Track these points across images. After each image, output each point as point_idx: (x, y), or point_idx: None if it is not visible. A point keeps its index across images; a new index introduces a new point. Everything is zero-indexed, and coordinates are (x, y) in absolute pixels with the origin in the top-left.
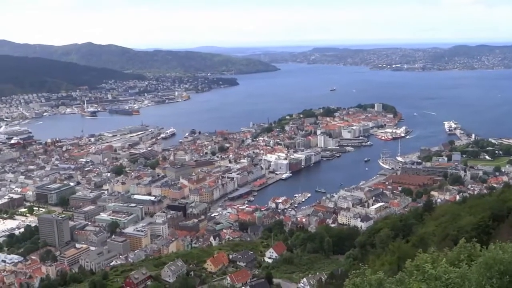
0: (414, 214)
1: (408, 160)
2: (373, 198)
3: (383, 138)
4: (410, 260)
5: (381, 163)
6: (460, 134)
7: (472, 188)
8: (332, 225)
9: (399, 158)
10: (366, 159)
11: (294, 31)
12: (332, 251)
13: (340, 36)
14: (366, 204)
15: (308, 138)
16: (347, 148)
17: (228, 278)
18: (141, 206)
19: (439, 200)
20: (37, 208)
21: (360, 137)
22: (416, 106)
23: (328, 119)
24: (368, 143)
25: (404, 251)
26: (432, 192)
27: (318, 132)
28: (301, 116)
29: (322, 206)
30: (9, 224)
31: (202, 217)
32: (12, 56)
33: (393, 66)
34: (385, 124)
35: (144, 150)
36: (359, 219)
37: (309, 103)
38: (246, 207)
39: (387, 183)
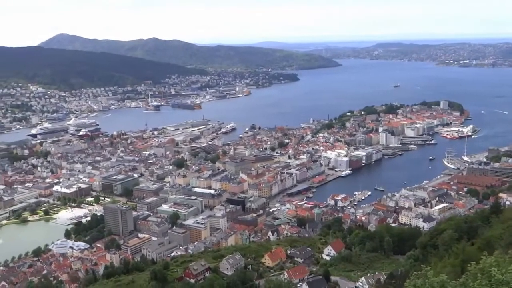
0: (480, 216)
1: (475, 160)
2: (437, 198)
3: (448, 136)
4: (475, 263)
5: (445, 163)
6: None
7: None
8: (393, 225)
9: (465, 158)
10: (430, 157)
11: (357, 26)
12: (392, 251)
13: (405, 31)
14: (429, 204)
15: (369, 136)
16: (410, 146)
17: (285, 274)
18: (201, 199)
19: (507, 203)
20: (103, 198)
21: (424, 135)
22: (485, 104)
23: (390, 116)
24: (433, 141)
25: (468, 254)
26: (500, 194)
27: (380, 129)
28: (362, 112)
29: (382, 205)
30: (77, 212)
31: (261, 212)
32: (82, 51)
33: (461, 62)
34: (451, 122)
35: (205, 144)
36: (421, 219)
37: (371, 100)
38: (305, 203)
39: (452, 183)
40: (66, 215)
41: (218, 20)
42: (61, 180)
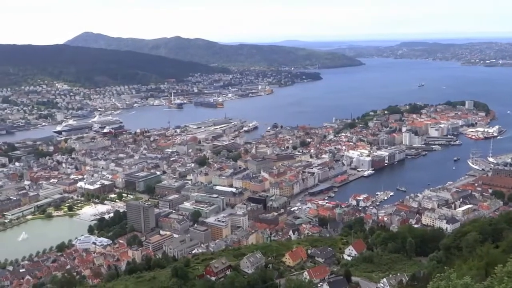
0: (506, 218)
1: (500, 161)
2: (461, 199)
3: (473, 137)
4: (501, 266)
5: (470, 164)
6: None
7: None
8: (415, 226)
9: (491, 159)
10: (455, 158)
11: (381, 25)
12: (415, 252)
13: (430, 29)
14: (453, 205)
15: (392, 135)
16: (433, 146)
17: (306, 273)
18: (223, 197)
19: None
20: (125, 195)
21: (448, 136)
22: (511, 105)
23: (414, 116)
24: (457, 142)
25: (493, 256)
26: None
27: (404, 129)
28: (385, 112)
29: (405, 205)
30: (100, 208)
31: (282, 210)
32: (106, 50)
33: (487, 61)
34: (476, 123)
35: (227, 143)
36: (444, 221)
37: (394, 99)
38: (326, 202)
39: (476, 184)
40: (90, 211)
41: (241, 18)
42: (85, 176)
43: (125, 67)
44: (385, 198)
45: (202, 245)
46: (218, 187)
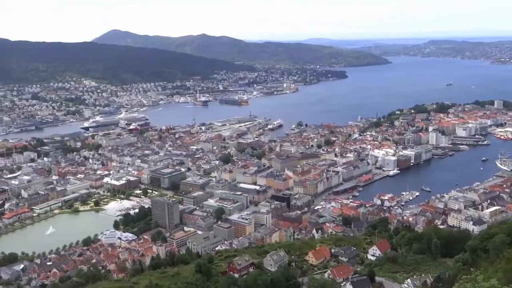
0: None
1: None
2: (488, 201)
3: (502, 137)
4: None
5: (498, 164)
6: None
7: None
8: (441, 227)
9: None
10: (483, 158)
11: (408, 23)
12: (440, 253)
13: (458, 27)
14: (480, 206)
15: (418, 135)
16: (461, 146)
17: (329, 272)
18: (247, 195)
19: None
20: (150, 191)
21: (476, 136)
22: None
23: (441, 115)
24: (485, 142)
25: None
26: None
27: (430, 128)
28: (412, 111)
29: (430, 206)
30: (126, 204)
31: (306, 209)
32: (133, 47)
33: None
34: (505, 123)
35: (251, 140)
36: (471, 222)
37: (421, 98)
38: (351, 202)
39: (504, 185)
40: (115, 207)
41: (266, 16)
42: (111, 172)
43: (151, 64)
44: (411, 198)
45: (225, 242)
46: (242, 185)
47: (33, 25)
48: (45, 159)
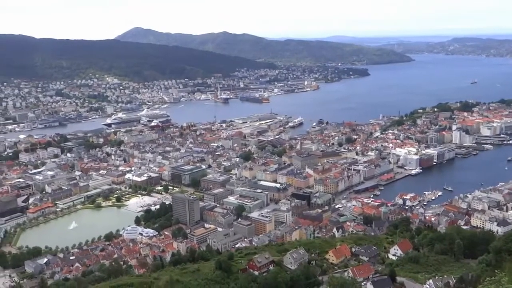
0: None
1: None
2: None
3: None
4: None
5: None
6: None
7: None
8: (464, 227)
9: None
10: (509, 158)
11: (432, 20)
12: (463, 254)
13: (483, 25)
14: (505, 207)
15: (442, 134)
16: (485, 146)
17: (350, 271)
18: (267, 192)
19: None
20: (171, 187)
21: (502, 135)
22: None
23: (465, 114)
24: (511, 141)
25: None
26: None
27: (454, 127)
28: (435, 110)
29: (453, 206)
30: (147, 200)
31: (326, 207)
32: (155, 45)
33: None
34: None
35: (272, 138)
36: (495, 223)
37: (444, 97)
38: (372, 201)
39: None
40: (137, 203)
41: (288, 14)
42: (132, 168)
43: (173, 62)
44: (433, 198)
45: (245, 239)
46: (262, 182)
47: (57, 23)
48: (68, 155)
